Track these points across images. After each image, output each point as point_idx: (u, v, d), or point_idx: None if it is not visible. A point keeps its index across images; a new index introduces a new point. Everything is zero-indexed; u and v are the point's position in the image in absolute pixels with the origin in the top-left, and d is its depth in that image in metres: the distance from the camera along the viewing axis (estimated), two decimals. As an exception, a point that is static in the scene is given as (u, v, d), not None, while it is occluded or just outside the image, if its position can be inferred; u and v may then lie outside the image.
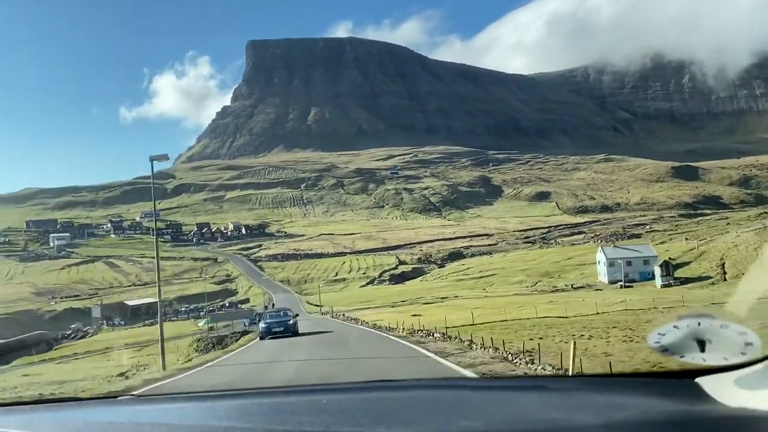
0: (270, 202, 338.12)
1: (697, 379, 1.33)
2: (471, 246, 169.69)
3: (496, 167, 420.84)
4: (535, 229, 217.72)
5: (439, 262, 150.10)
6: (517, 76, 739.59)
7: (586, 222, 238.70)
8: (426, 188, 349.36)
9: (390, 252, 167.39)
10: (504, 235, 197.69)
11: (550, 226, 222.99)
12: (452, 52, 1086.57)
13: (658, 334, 1.34)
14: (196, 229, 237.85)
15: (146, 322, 78.35)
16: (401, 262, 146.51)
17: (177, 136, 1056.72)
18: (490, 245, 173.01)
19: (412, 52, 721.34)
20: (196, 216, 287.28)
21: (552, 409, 1.18)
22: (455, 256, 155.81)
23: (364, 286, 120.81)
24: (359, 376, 10.32)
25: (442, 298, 79.36)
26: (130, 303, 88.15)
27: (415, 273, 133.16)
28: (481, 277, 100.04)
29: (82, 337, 73.35)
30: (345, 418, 1.14)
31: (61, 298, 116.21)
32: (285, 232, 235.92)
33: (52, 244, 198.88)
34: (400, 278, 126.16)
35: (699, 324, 1.30)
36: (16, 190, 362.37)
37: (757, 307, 1.65)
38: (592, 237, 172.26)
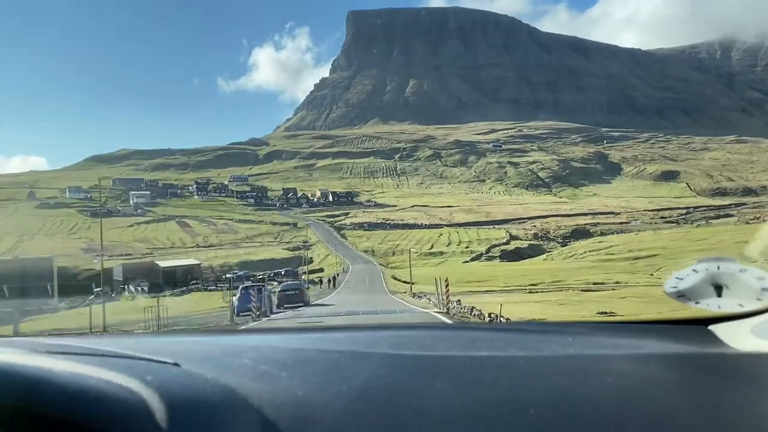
0: (362, 171, 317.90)
1: (710, 327, 1.30)
2: (598, 224, 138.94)
3: (611, 144, 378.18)
4: (670, 209, 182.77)
5: (560, 240, 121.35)
6: (634, 50, 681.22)
7: (731, 204, 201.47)
8: (533, 162, 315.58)
9: (496, 226, 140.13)
10: (634, 214, 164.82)
11: (688, 207, 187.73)
12: (556, 23, 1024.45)
13: (676, 278, 1.28)
14: (281, 193, 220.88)
15: (175, 290, 56.94)
16: (513, 237, 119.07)
17: (273, 109, 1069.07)
18: (621, 224, 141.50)
19: (520, 23, 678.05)
20: (286, 182, 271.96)
21: (568, 346, 1.20)
22: (580, 233, 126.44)
23: (467, 261, 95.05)
24: None
25: (597, 283, 52.38)
26: (164, 265, 68.34)
27: (533, 250, 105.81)
28: (636, 258, 71.60)
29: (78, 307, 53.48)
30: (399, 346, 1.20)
31: (110, 256, 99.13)
32: (375, 202, 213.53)
33: (131, 202, 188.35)
34: (514, 255, 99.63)
35: (718, 268, 1.24)
36: (112, 150, 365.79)
37: None
38: (753, 219, 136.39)
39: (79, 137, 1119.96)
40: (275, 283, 63.39)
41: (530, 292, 42.55)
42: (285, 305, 29.34)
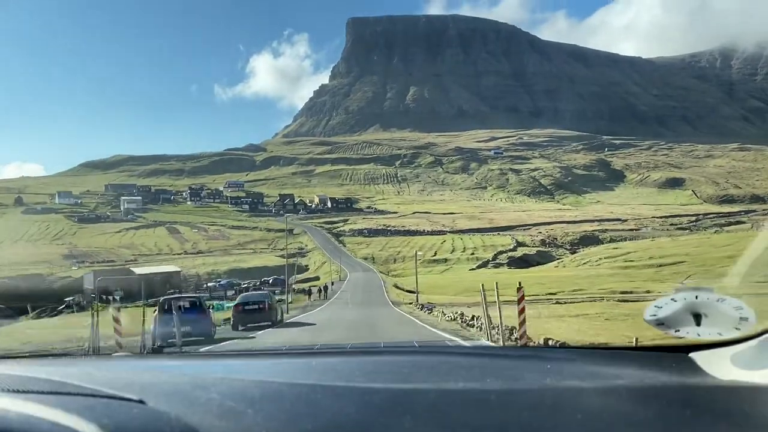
0: (361, 178, 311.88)
1: (691, 354, 1.31)
2: (607, 230, 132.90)
3: (612, 152, 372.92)
4: (680, 216, 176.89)
5: (569, 247, 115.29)
6: (634, 58, 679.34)
7: (740, 211, 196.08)
8: (535, 169, 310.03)
9: (501, 233, 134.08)
10: (642, 221, 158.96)
11: (697, 214, 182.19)
12: (555, 31, 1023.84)
13: (655, 307, 1.31)
14: (278, 199, 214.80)
15: (149, 300, 50.55)
16: (520, 244, 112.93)
17: (271, 117, 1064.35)
18: (631, 230, 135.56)
19: (520, 30, 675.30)
20: (283, 188, 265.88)
21: (545, 374, 1.20)
22: (589, 240, 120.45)
23: (474, 269, 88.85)
24: None
25: (625, 292, 46.24)
26: (140, 272, 62.06)
27: (541, 257, 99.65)
28: (660, 265, 65.48)
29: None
30: (379, 377, 1.21)
31: (92, 262, 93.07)
32: (375, 209, 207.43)
33: (122, 208, 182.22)
34: (521, 262, 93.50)
35: (696, 297, 1.27)
36: (106, 156, 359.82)
37: (755, 282, 1.64)
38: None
39: (75, 144, 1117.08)
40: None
41: (556, 303, 36.31)
42: (243, 325, 21.36)
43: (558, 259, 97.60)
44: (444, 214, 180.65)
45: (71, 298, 66.56)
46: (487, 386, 1.13)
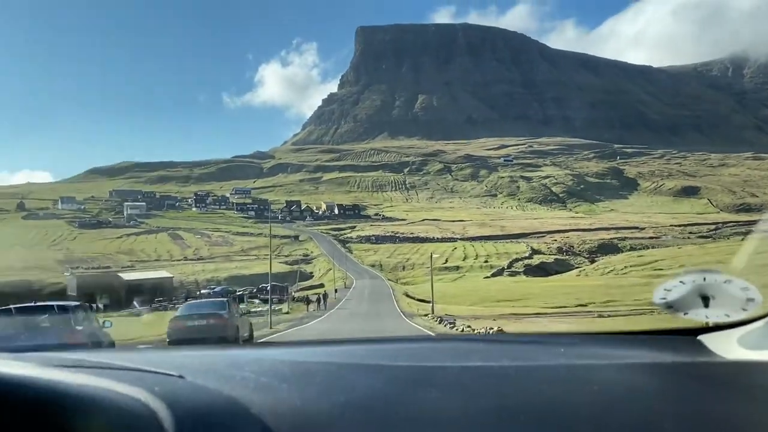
0: (369, 185, 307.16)
1: (699, 336, 1.34)
2: (626, 238, 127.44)
3: (625, 160, 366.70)
4: (698, 224, 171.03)
5: (587, 255, 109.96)
6: (645, 67, 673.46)
7: (758, 220, 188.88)
8: (546, 177, 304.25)
9: (513, 240, 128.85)
10: (661, 229, 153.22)
11: (716, 222, 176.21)
12: (563, 40, 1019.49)
13: (664, 290, 1.33)
14: (284, 206, 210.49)
15: (133, 309, 45.83)
16: (535, 251, 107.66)
17: (279, 125, 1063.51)
18: (651, 238, 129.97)
19: (529, 39, 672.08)
20: (291, 195, 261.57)
21: (559, 356, 1.25)
22: (607, 248, 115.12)
23: (488, 277, 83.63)
24: None
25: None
26: (127, 277, 57.18)
27: (560, 265, 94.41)
28: (692, 274, 59.04)
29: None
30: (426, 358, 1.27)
31: (86, 268, 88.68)
32: (383, 215, 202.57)
33: (125, 213, 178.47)
34: (539, 270, 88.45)
35: (704, 279, 1.28)
36: (113, 162, 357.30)
37: (761, 262, 1.65)
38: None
39: (83, 152, 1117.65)
40: (257, 301, 52.01)
41: (599, 316, 31.17)
42: (182, 340, 15.01)
43: (577, 267, 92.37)
44: (454, 221, 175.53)
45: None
46: (505, 364, 1.19)
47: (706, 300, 1.28)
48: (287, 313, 37.06)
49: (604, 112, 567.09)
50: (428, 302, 44.33)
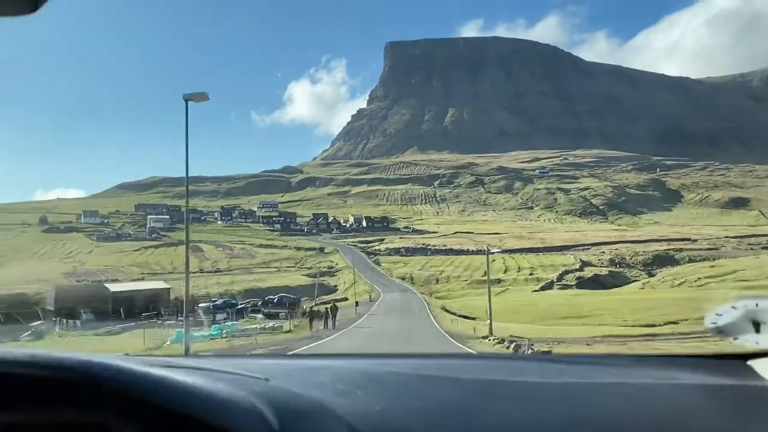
0: (398, 198, 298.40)
1: (749, 362, 1.33)
2: (682, 250, 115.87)
3: (665, 172, 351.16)
4: (758, 236, 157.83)
5: (642, 267, 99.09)
6: (682, 79, 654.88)
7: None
8: (585, 189, 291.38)
9: (557, 252, 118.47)
10: (715, 241, 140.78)
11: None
12: (594, 52, 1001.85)
13: (716, 314, 1.31)
14: (311, 218, 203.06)
15: (114, 326, 37.65)
16: (585, 263, 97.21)
17: (307, 143, 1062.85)
18: (709, 249, 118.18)
19: (561, 51, 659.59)
20: (318, 209, 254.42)
21: (614, 376, 1.27)
22: (663, 260, 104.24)
23: (537, 290, 73.82)
24: None
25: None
26: (115, 289, 49.49)
27: (615, 278, 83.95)
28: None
29: None
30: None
31: (92, 281, 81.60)
32: (413, 228, 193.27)
33: (147, 227, 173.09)
34: (593, 283, 78.37)
35: (756, 305, 1.26)
36: (142, 177, 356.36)
37: None
38: None
39: (114, 168, 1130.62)
40: (259, 316, 43.74)
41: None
42: None
43: (635, 279, 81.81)
44: (488, 234, 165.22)
45: (40, 321, 54.72)
46: (566, 380, 1.22)
47: (757, 326, 1.27)
48: (289, 331, 28.53)
49: (641, 124, 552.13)
50: (472, 319, 35.08)
